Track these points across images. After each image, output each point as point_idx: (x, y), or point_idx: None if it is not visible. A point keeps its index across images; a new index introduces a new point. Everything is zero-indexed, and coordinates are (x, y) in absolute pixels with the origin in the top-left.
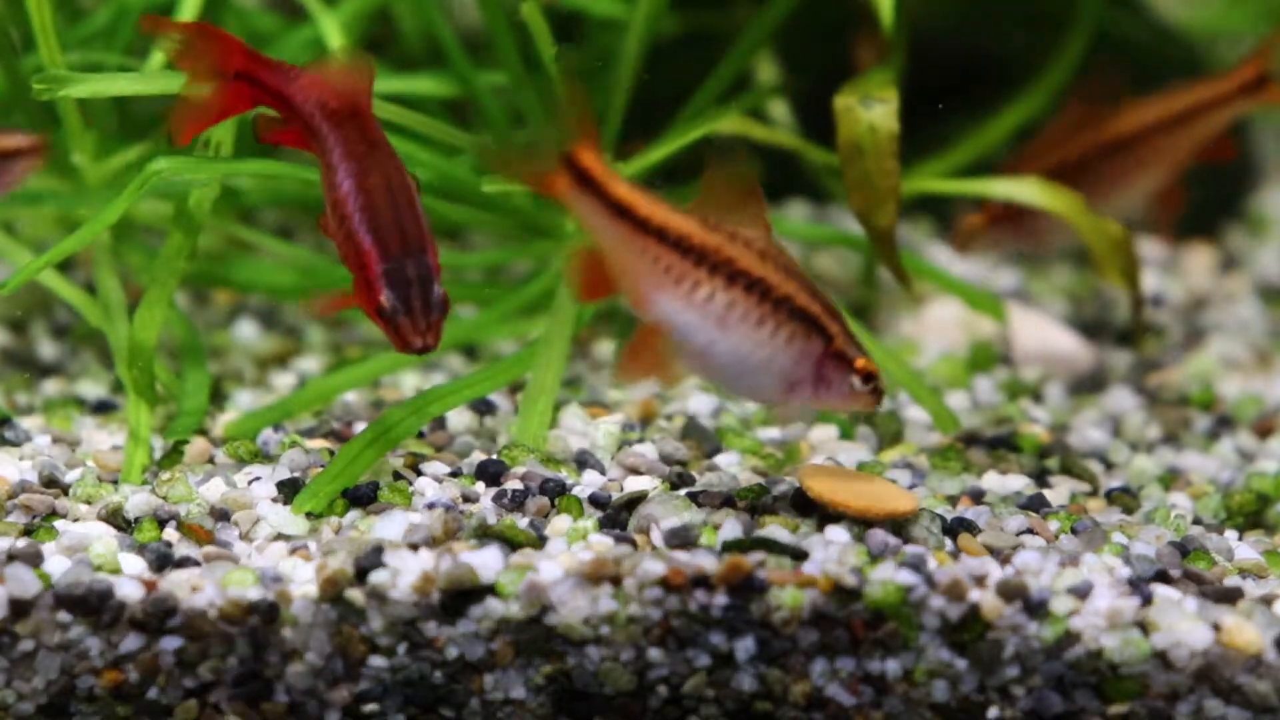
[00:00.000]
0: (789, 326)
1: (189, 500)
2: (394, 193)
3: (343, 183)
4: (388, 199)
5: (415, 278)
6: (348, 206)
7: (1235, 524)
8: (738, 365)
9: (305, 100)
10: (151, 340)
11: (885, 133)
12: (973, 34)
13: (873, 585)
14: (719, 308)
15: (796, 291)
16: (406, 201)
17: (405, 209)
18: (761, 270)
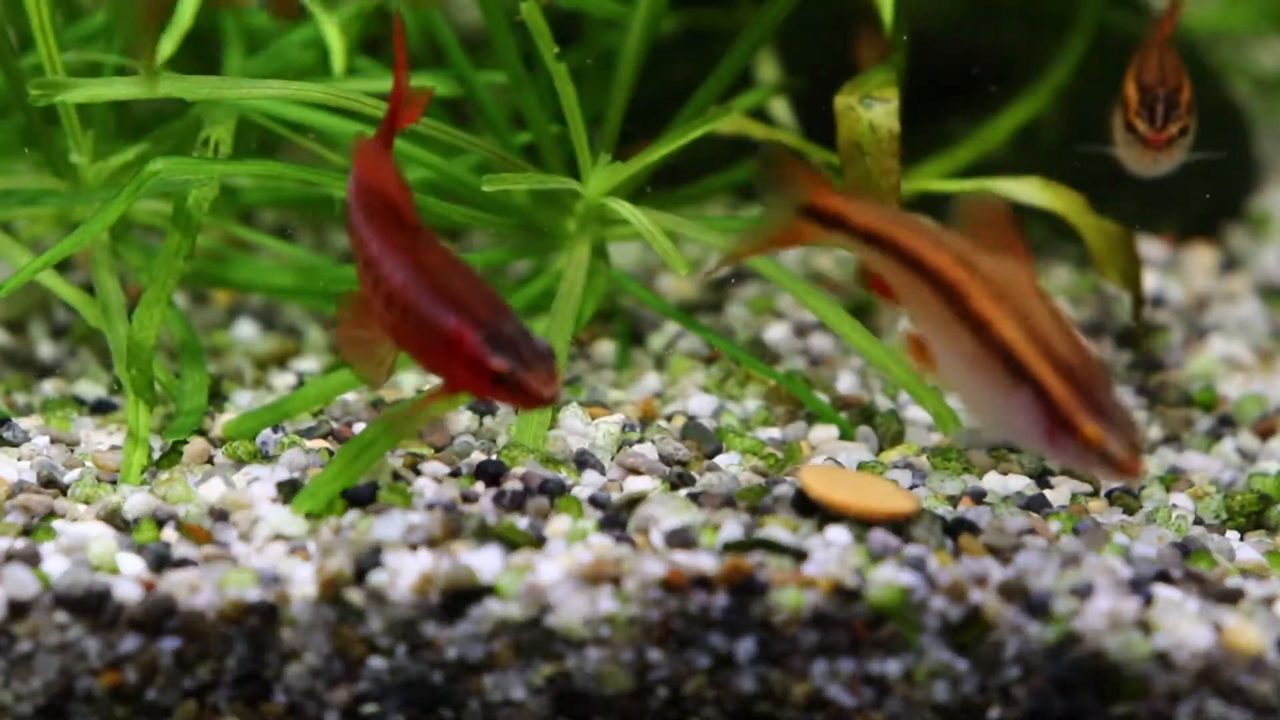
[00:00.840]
0: (1010, 380)
1: (188, 500)
2: (454, 264)
3: (394, 273)
4: (453, 272)
5: (516, 333)
6: (411, 294)
7: (1237, 525)
8: (977, 400)
9: None
10: (150, 340)
11: (886, 132)
12: (973, 34)
13: (874, 586)
14: (953, 342)
15: (1023, 345)
16: (466, 269)
17: (469, 277)
18: (991, 312)
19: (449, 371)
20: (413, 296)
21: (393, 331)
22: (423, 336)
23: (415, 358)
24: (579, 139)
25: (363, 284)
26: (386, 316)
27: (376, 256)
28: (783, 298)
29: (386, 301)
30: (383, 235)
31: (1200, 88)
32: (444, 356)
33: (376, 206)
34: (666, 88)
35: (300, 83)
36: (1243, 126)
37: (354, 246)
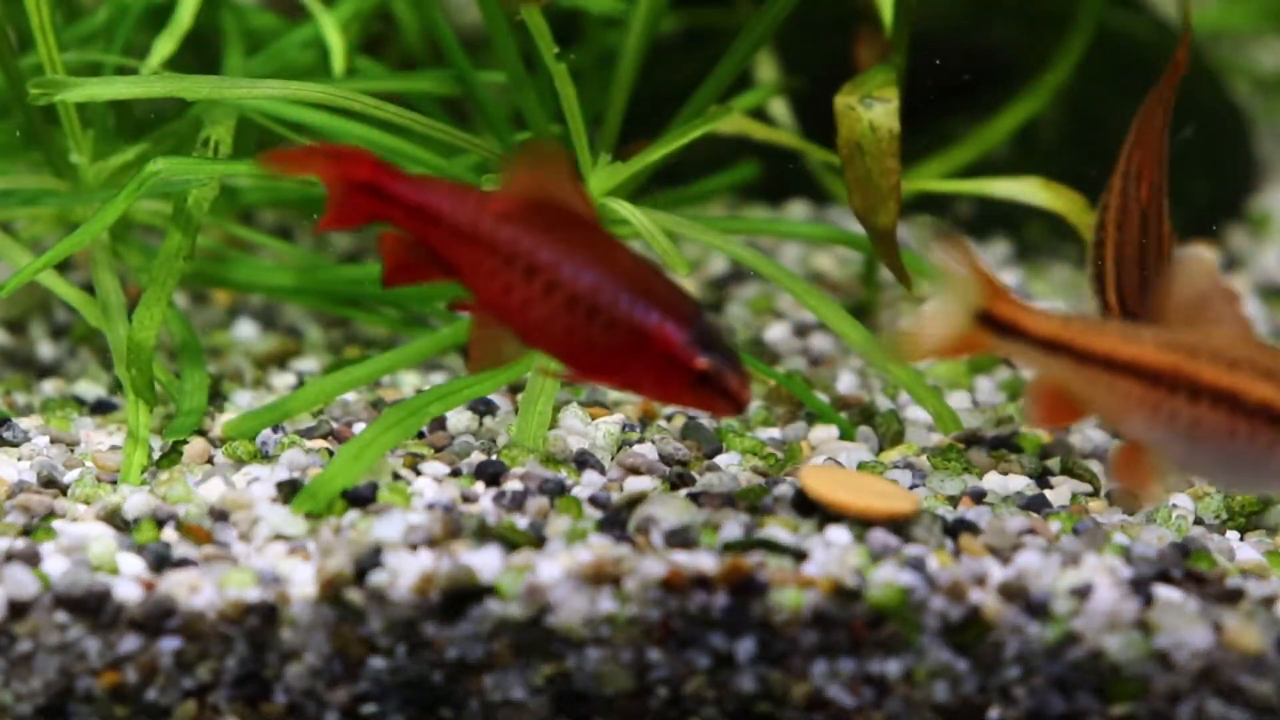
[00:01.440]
0: (1268, 434)
1: (188, 500)
2: (643, 264)
3: (579, 275)
4: (646, 271)
5: (715, 334)
6: (605, 295)
7: (1237, 525)
8: (1229, 469)
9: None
10: (150, 340)
11: (886, 132)
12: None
13: (873, 586)
14: (1186, 424)
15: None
16: (656, 268)
17: (662, 276)
18: (1229, 381)
19: (641, 373)
20: (606, 297)
21: (560, 336)
22: (614, 338)
23: (585, 363)
24: (579, 139)
25: (488, 291)
26: (561, 317)
27: (551, 261)
28: (783, 298)
29: (566, 306)
30: (560, 239)
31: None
32: (638, 358)
33: (548, 212)
34: (666, 88)
35: (300, 83)
36: (1243, 126)
37: (490, 256)
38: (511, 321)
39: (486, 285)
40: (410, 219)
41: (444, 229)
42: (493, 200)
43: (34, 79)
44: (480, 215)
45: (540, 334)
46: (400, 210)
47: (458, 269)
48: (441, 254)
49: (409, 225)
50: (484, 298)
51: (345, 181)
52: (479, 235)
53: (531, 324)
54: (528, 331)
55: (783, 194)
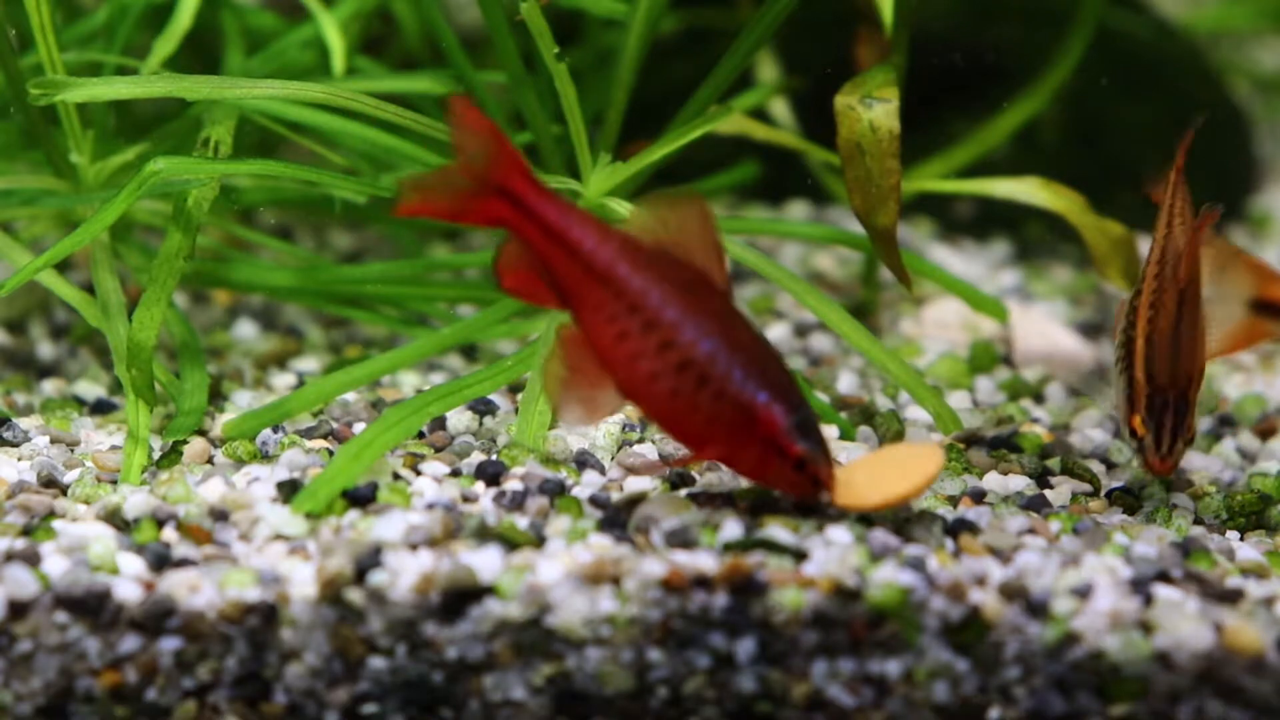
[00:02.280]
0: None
1: (188, 500)
2: (760, 339)
3: (698, 341)
4: (761, 348)
5: (813, 420)
6: (719, 367)
7: (1237, 524)
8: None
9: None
10: (150, 340)
11: (886, 132)
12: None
13: (873, 586)
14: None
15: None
16: (768, 344)
17: (774, 354)
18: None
19: (735, 446)
20: (720, 369)
21: (663, 396)
22: (718, 409)
23: (680, 426)
24: (579, 139)
25: (600, 333)
26: (659, 381)
27: (674, 321)
28: (783, 298)
29: (679, 368)
30: (687, 301)
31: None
32: (738, 433)
33: (680, 268)
34: (667, 88)
35: (300, 83)
36: (1243, 126)
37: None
38: (615, 368)
39: (602, 328)
40: (545, 239)
41: (578, 261)
42: (634, 246)
43: (34, 79)
44: (618, 258)
45: (643, 390)
46: (536, 228)
47: (573, 303)
48: (562, 283)
49: (539, 244)
50: (595, 339)
51: (487, 178)
52: (611, 278)
53: (637, 377)
54: (630, 383)
55: (783, 194)
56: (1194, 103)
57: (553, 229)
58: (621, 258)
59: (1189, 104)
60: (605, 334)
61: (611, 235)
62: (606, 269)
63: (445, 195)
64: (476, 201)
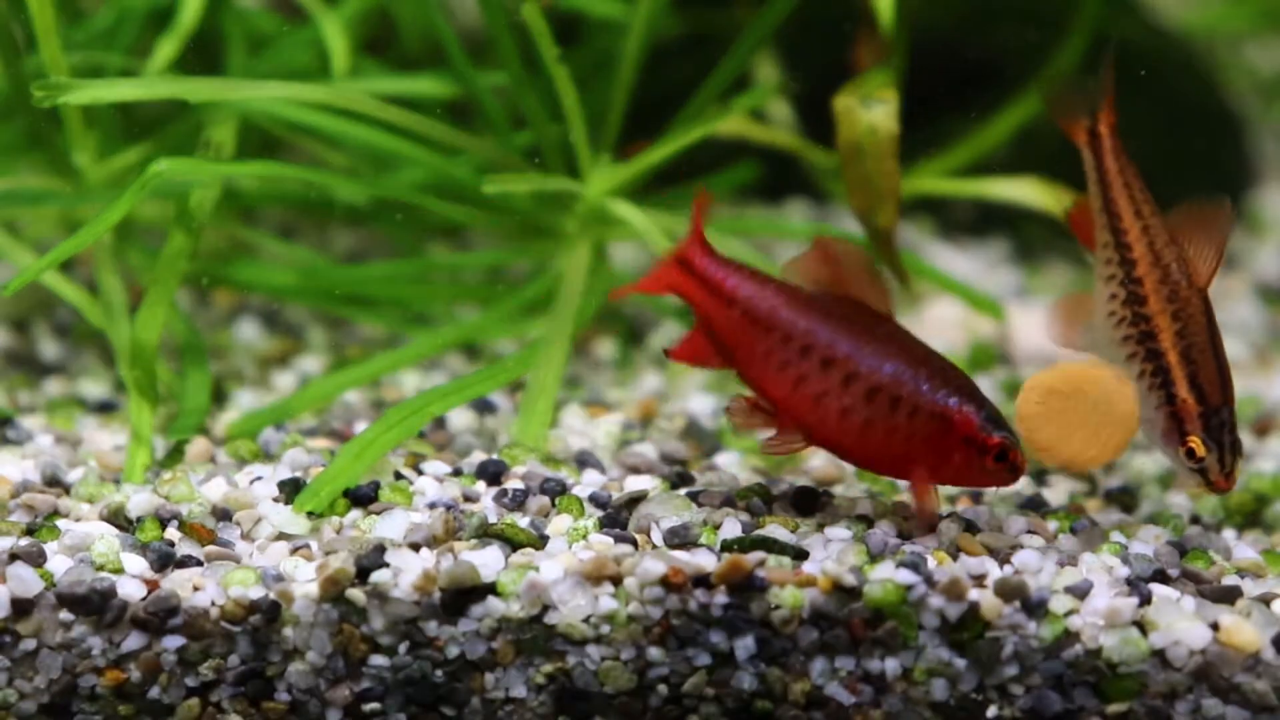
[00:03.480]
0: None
1: (191, 500)
2: (930, 350)
3: (881, 365)
4: (935, 357)
5: (995, 408)
6: (906, 385)
7: (1233, 523)
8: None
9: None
10: (153, 340)
11: (885, 133)
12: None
13: (872, 584)
14: None
15: None
16: (937, 354)
17: (945, 359)
18: None
19: (933, 456)
20: (909, 387)
21: (856, 427)
22: (914, 425)
23: (874, 453)
24: (579, 140)
25: (775, 383)
26: (850, 414)
27: (851, 352)
28: None
29: (867, 396)
30: (856, 330)
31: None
32: (935, 442)
33: (839, 301)
34: (667, 88)
35: (302, 84)
36: (1240, 126)
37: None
38: (799, 414)
39: (776, 376)
40: (706, 296)
41: (737, 311)
42: (790, 290)
43: (38, 81)
44: (778, 303)
45: (834, 427)
46: (698, 286)
47: (737, 355)
48: (726, 338)
49: (702, 303)
50: (768, 388)
51: (673, 251)
52: (776, 323)
53: (826, 417)
54: (820, 425)
55: (782, 194)
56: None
57: (711, 283)
58: (781, 302)
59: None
60: (780, 382)
61: (768, 282)
62: (769, 315)
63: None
64: (660, 270)
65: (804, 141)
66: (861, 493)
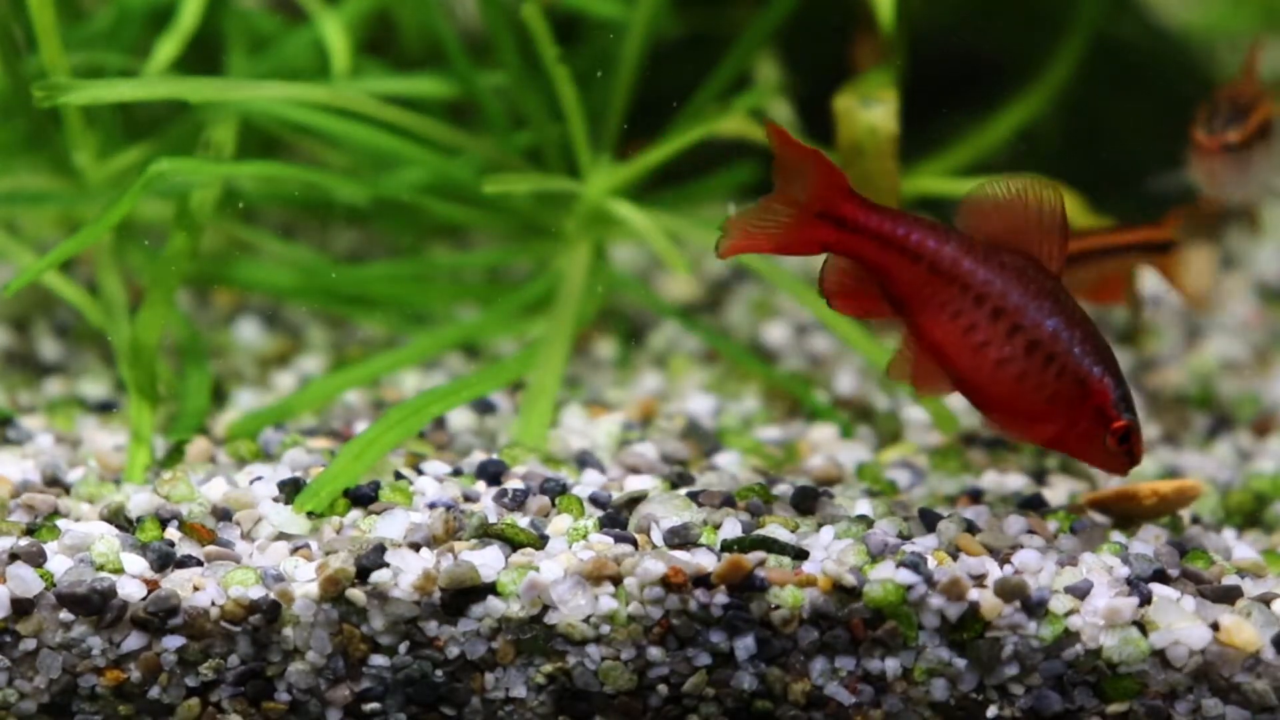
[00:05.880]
0: None
1: (191, 500)
2: (1087, 319)
3: (1045, 320)
4: (1090, 326)
5: (1129, 395)
6: (1061, 343)
7: (1233, 523)
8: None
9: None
10: (153, 340)
11: (885, 133)
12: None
13: (872, 584)
14: None
15: None
16: (1092, 323)
17: (1098, 330)
18: None
19: (1066, 423)
20: (1064, 345)
21: (1008, 380)
22: (1059, 386)
23: (1023, 405)
24: (579, 140)
25: (945, 331)
26: (1007, 365)
27: (1020, 304)
28: (782, 298)
29: (1027, 349)
30: (1025, 283)
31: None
32: (1071, 409)
33: (1013, 254)
34: (667, 88)
35: (302, 84)
36: None
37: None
38: (958, 362)
39: (947, 326)
40: (881, 252)
41: (923, 265)
42: (969, 240)
43: (38, 81)
44: (960, 254)
45: (988, 377)
46: (871, 242)
47: (912, 305)
48: (900, 288)
49: (876, 258)
50: (938, 337)
51: (809, 204)
52: (958, 274)
53: (983, 366)
54: (974, 373)
55: None
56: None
57: (891, 239)
58: (962, 253)
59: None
60: (951, 330)
61: (948, 233)
62: (952, 266)
63: (768, 229)
64: (800, 230)
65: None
66: (861, 492)
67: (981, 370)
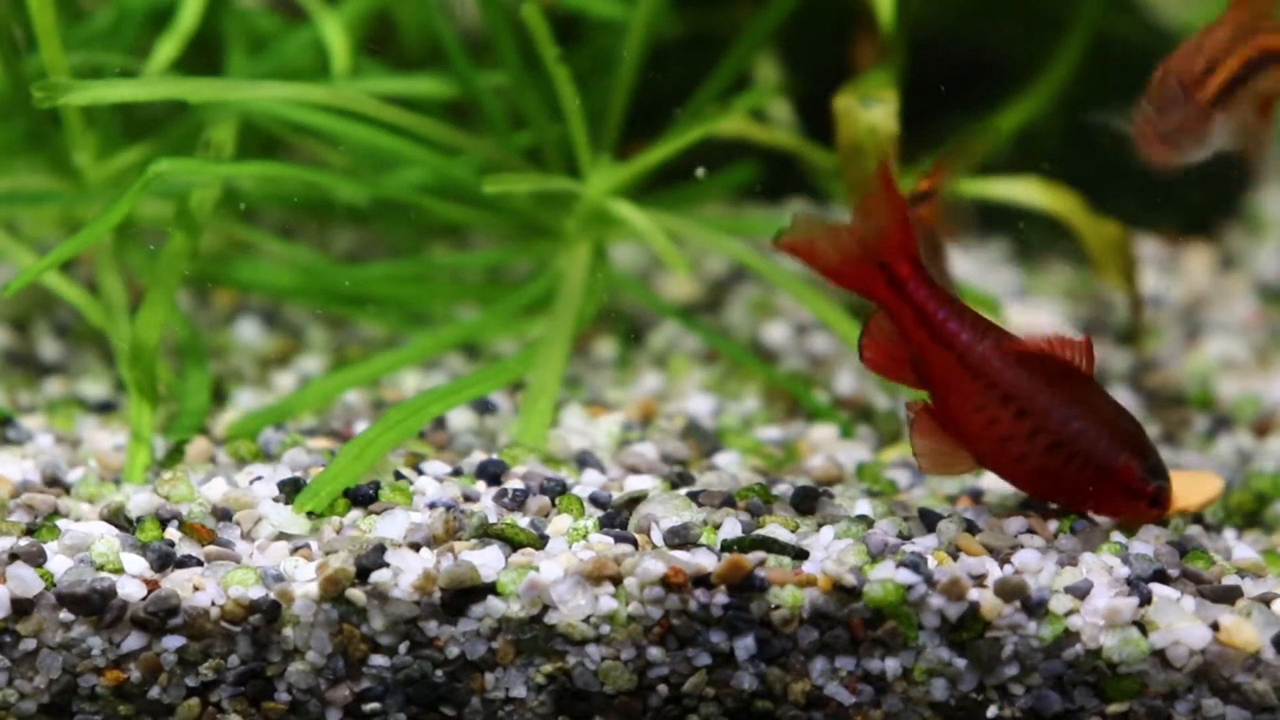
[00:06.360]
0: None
1: (191, 500)
2: (1118, 408)
3: (1068, 423)
4: (1120, 415)
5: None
6: (1083, 443)
7: (1234, 523)
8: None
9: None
10: (153, 340)
11: (885, 134)
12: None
13: (872, 584)
14: None
15: None
16: (1118, 405)
17: (1123, 411)
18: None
19: (1099, 496)
20: (1087, 443)
21: (1031, 469)
22: (1084, 474)
23: (1041, 487)
24: (579, 140)
25: (967, 420)
26: (1028, 458)
27: (1045, 408)
28: (782, 298)
29: (1049, 448)
30: (1054, 386)
31: None
32: (1098, 484)
33: (1045, 358)
34: (667, 88)
35: (302, 84)
36: None
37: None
38: (978, 447)
39: (970, 416)
40: (919, 328)
41: (952, 353)
42: (1004, 342)
43: (38, 82)
44: (991, 355)
45: (1009, 463)
46: (912, 314)
47: (938, 389)
48: (931, 370)
49: (913, 331)
50: (960, 421)
51: (875, 251)
52: (984, 372)
53: (1006, 456)
54: (997, 458)
55: (782, 194)
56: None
57: (930, 321)
58: (994, 355)
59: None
60: (973, 421)
61: (986, 330)
62: (980, 364)
63: (829, 250)
64: (858, 269)
65: (804, 141)
66: (861, 492)
67: (1002, 459)
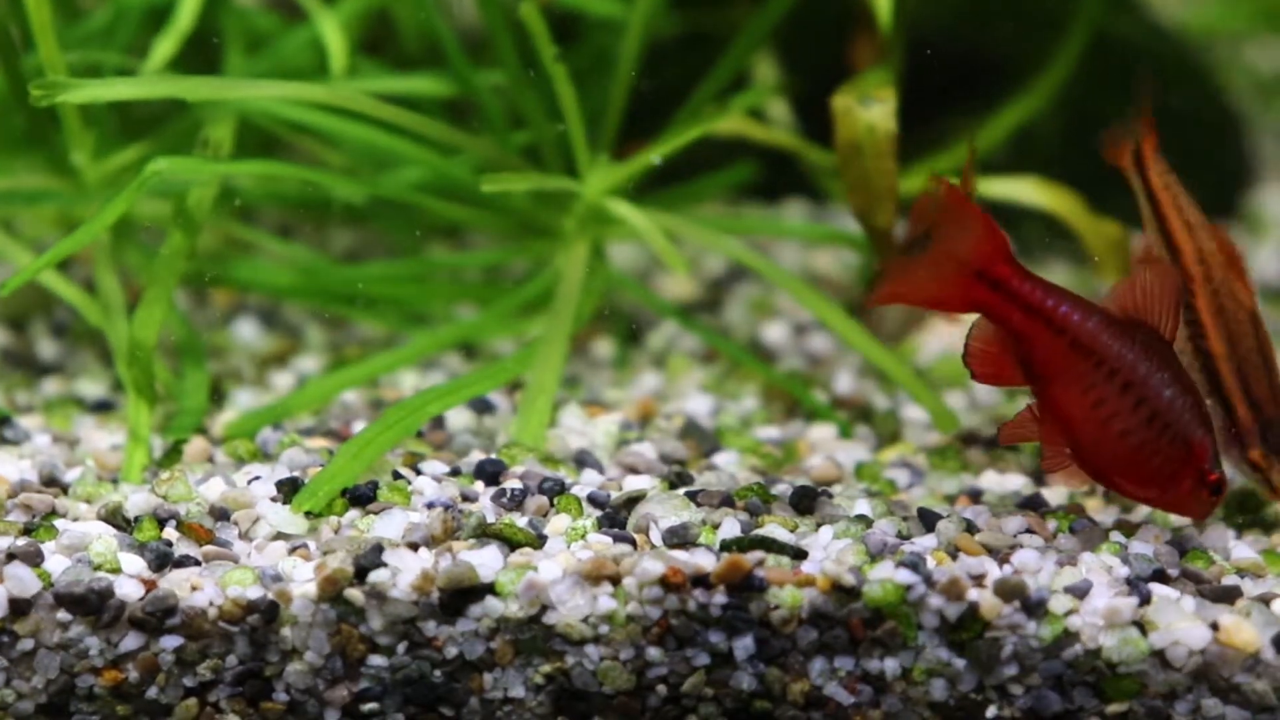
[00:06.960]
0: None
1: (188, 499)
2: (1192, 383)
3: (1163, 392)
4: (1194, 391)
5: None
6: (1174, 413)
7: (1233, 523)
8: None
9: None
10: (151, 340)
11: (884, 133)
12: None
13: (871, 584)
14: None
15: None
16: (1194, 386)
17: (1198, 393)
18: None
19: (1174, 480)
20: (1178, 414)
21: (1129, 449)
22: (1171, 451)
23: (1136, 471)
24: (577, 139)
25: (1075, 404)
26: (1129, 435)
27: (1145, 377)
28: (782, 297)
29: (1149, 419)
30: (1149, 356)
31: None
32: (1178, 466)
33: (1138, 326)
34: (665, 88)
35: (300, 83)
36: (1239, 126)
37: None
38: (1083, 433)
39: (1078, 399)
40: (1028, 321)
41: (1065, 338)
42: (1108, 315)
43: (36, 80)
44: (1100, 328)
45: (1109, 447)
46: (1020, 309)
47: (1050, 379)
48: (1039, 359)
49: (1022, 326)
50: (1067, 409)
51: (969, 262)
52: (1096, 348)
53: (1107, 438)
54: (1097, 443)
55: (781, 193)
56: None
57: (1040, 310)
58: (1102, 328)
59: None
60: (1080, 403)
61: (1090, 308)
62: (1091, 340)
63: (924, 282)
64: (958, 286)
65: (802, 141)
66: (860, 492)
67: (1104, 441)
